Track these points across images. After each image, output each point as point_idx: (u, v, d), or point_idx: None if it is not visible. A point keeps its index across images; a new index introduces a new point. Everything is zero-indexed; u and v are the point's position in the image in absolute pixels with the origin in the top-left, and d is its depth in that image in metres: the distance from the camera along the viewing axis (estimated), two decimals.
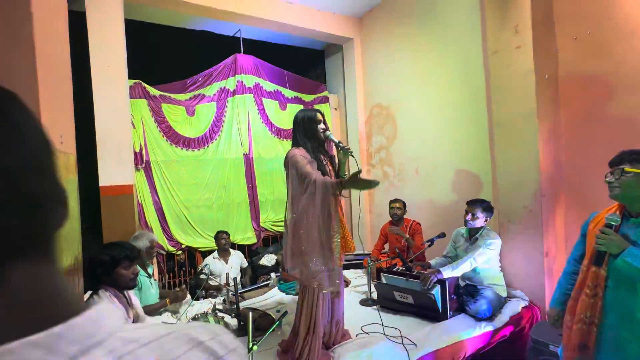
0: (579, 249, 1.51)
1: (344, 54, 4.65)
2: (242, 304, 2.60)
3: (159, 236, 3.58)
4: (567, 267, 1.57)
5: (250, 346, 1.67)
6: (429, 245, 2.66)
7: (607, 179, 1.30)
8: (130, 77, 3.40)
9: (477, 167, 3.03)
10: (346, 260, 3.57)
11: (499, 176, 2.71)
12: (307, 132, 1.93)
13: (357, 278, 3.21)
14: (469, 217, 2.40)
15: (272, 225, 4.25)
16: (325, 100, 4.78)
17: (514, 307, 2.31)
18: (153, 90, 3.67)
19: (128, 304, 1.65)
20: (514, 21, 2.46)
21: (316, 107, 4.68)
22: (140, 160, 3.49)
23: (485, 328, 2.07)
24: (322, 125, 1.95)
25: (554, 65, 2.49)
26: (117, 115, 3.04)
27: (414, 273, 2.37)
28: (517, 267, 2.58)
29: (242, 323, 2.28)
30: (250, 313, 1.85)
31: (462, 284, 2.48)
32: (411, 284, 2.25)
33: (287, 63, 4.72)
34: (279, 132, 4.37)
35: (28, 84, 0.88)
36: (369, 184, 1.66)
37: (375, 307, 2.50)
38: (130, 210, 3.05)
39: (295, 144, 1.96)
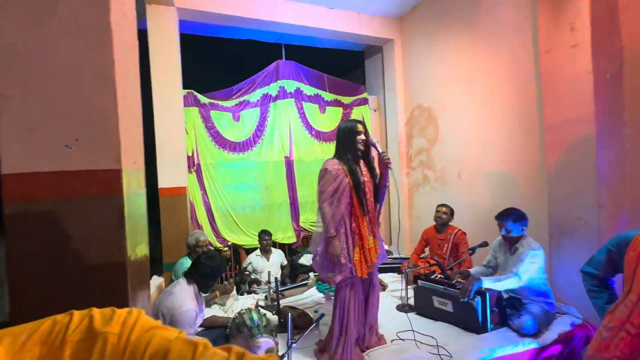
0: (600, 267, 1.36)
1: (383, 55, 4.61)
2: (282, 301, 2.76)
3: (208, 233, 3.89)
4: (586, 283, 1.45)
5: (289, 344, 1.79)
6: (470, 254, 2.58)
7: None
8: (183, 88, 3.73)
9: (525, 173, 2.86)
10: (384, 264, 3.57)
11: (550, 184, 2.54)
12: (345, 142, 2.02)
13: (395, 283, 3.20)
14: (503, 231, 2.29)
15: (311, 225, 4.39)
16: (365, 102, 4.79)
17: (563, 325, 2.17)
18: (203, 99, 3.98)
19: (199, 300, 1.87)
20: (570, 18, 2.28)
21: (355, 109, 4.73)
22: (192, 164, 3.82)
23: (530, 345, 1.97)
24: (361, 137, 2.02)
25: (617, 64, 2.25)
26: (174, 124, 3.36)
27: (452, 282, 2.32)
28: (569, 282, 2.40)
29: (282, 320, 2.43)
30: (289, 313, 1.99)
31: (504, 296, 2.38)
32: (452, 290, 2.22)
33: (327, 66, 4.80)
34: (319, 135, 4.48)
35: (110, 117, 1.05)
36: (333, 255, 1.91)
37: (411, 313, 2.50)
38: (184, 210, 3.36)
39: (335, 154, 2.06)
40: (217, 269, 1.81)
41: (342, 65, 5.63)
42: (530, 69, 2.72)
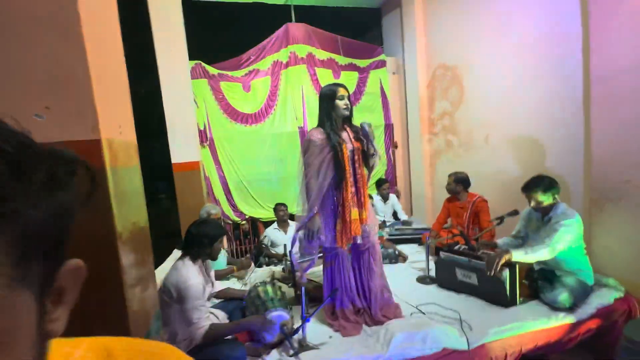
0: None
1: (402, 10, 4.18)
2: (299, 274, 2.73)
3: (225, 208, 3.90)
4: None
5: (303, 318, 1.75)
6: (498, 224, 2.39)
7: None
8: (190, 59, 3.58)
9: (563, 133, 2.55)
10: (403, 235, 3.45)
11: (595, 144, 2.25)
12: (328, 109, 1.90)
13: (415, 254, 3.09)
14: (532, 203, 2.07)
15: None
16: (382, 64, 4.45)
17: (603, 298, 1.98)
18: (212, 70, 3.82)
19: (207, 274, 1.84)
20: None
21: (372, 72, 4.41)
22: (205, 138, 3.75)
23: (564, 320, 1.82)
24: (345, 102, 1.91)
25: None
26: (182, 97, 3.26)
27: (478, 253, 2.17)
28: (612, 251, 2.18)
29: (298, 293, 2.40)
30: (303, 286, 1.93)
31: (535, 267, 2.20)
32: (477, 263, 2.07)
33: (341, 27, 4.45)
34: None
35: (81, 80, 0.93)
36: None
37: (433, 285, 2.39)
38: (198, 185, 3.34)
39: (318, 123, 1.96)
40: (208, 235, 1.67)
41: (357, 26, 5.22)
42: (574, 11, 2.33)
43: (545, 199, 2.02)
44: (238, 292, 2.12)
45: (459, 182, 3.03)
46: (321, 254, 3.09)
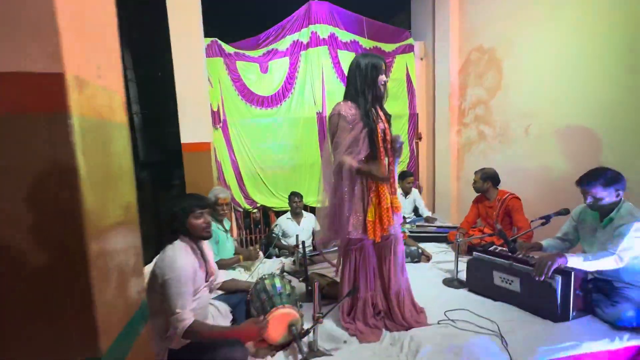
0: None
1: None
2: (312, 269, 2.50)
3: (236, 194, 3.71)
4: None
5: (316, 318, 1.52)
6: (543, 224, 2.06)
7: None
8: (206, 36, 3.38)
9: (624, 122, 2.19)
10: (426, 232, 3.16)
11: None
12: (366, 81, 1.67)
13: (440, 253, 2.80)
14: (589, 199, 1.74)
15: None
16: (410, 49, 4.12)
17: None
18: (228, 48, 3.61)
19: (202, 258, 1.63)
20: None
21: (398, 57, 4.10)
22: (218, 120, 3.56)
23: (629, 341, 1.51)
24: (384, 77, 1.70)
25: None
26: (195, 75, 3.07)
27: (521, 256, 1.87)
28: None
29: (310, 288, 2.17)
30: (317, 281, 1.70)
31: (589, 277, 1.88)
32: (521, 266, 1.77)
33: (366, 9, 4.14)
34: None
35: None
36: (380, 179, 1.64)
37: (463, 289, 2.11)
38: (208, 168, 3.15)
39: (346, 96, 1.72)
40: (181, 207, 1.47)
41: (383, 9, 4.89)
42: None
43: (606, 195, 1.69)
44: (244, 284, 1.90)
45: (487, 179, 2.73)
46: (334, 247, 2.84)
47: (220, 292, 1.89)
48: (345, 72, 3.89)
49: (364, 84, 1.67)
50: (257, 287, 1.79)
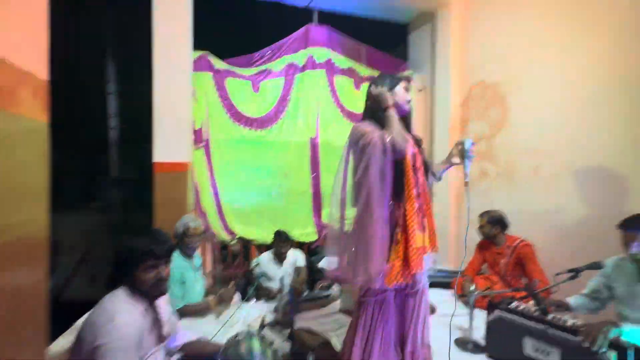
0: None
1: (436, 24, 3.81)
2: (299, 318, 2.07)
3: (214, 223, 3.28)
4: None
5: None
6: (572, 278, 1.77)
7: None
8: (197, 49, 3.12)
9: None
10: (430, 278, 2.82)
11: None
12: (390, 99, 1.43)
13: (444, 303, 2.44)
14: (635, 246, 1.49)
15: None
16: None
17: None
18: (218, 63, 3.36)
19: (154, 313, 1.20)
20: None
21: None
22: (200, 139, 3.21)
23: None
24: (409, 95, 1.50)
25: None
26: (178, 88, 2.76)
27: (556, 321, 1.54)
28: None
29: (296, 349, 1.74)
30: (309, 345, 1.31)
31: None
32: (560, 334, 1.44)
33: (363, 38, 4.07)
34: (351, 116, 3.75)
35: None
36: None
37: (480, 355, 1.75)
38: (184, 192, 2.74)
39: (367, 116, 1.50)
40: (130, 253, 1.10)
41: (381, 41, 4.87)
42: None
43: None
44: (211, 348, 1.46)
45: (495, 224, 2.48)
46: (328, 292, 2.43)
47: (181, 355, 1.45)
48: (341, 99, 3.75)
49: (387, 102, 1.44)
50: (228, 352, 1.37)
